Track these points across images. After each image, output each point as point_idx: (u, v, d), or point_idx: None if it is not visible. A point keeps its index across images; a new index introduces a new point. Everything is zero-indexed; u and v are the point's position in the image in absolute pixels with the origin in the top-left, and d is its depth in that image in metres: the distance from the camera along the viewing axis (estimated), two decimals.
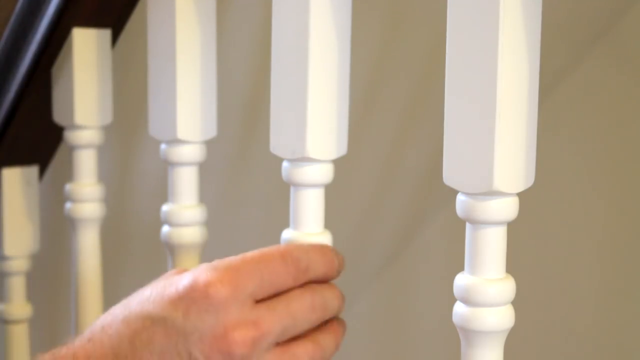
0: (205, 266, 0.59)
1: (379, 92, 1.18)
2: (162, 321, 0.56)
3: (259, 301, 0.58)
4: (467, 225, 0.56)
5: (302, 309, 0.59)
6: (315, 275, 0.61)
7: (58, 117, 0.90)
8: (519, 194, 0.55)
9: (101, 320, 0.59)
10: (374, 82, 1.17)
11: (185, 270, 0.61)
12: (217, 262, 0.59)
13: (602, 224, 1.16)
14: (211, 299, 0.56)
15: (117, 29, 0.90)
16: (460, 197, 0.55)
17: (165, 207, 0.78)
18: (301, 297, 0.60)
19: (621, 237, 1.15)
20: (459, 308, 0.56)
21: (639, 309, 1.15)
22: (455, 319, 0.56)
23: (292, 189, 0.65)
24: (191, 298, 0.56)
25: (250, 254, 0.60)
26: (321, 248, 0.63)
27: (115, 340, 0.56)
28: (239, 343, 0.56)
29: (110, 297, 0.96)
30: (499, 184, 0.53)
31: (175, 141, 0.76)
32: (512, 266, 0.57)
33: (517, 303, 0.56)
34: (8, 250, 0.98)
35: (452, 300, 0.57)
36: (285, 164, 0.65)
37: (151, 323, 0.56)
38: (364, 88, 1.16)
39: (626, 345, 1.17)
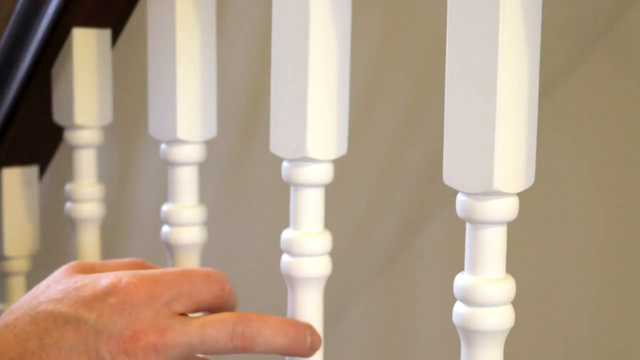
0: (123, 272, 0.60)
1: (379, 92, 1.18)
2: (75, 321, 0.57)
3: (179, 314, 0.60)
4: (467, 225, 0.56)
5: (217, 333, 0.59)
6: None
7: (58, 117, 0.90)
8: (519, 194, 0.55)
9: (3, 320, 0.58)
10: (374, 82, 1.17)
11: (86, 264, 0.63)
12: (136, 271, 0.61)
13: (603, 223, 1.16)
14: (125, 303, 0.58)
15: (117, 29, 0.90)
16: (460, 197, 0.55)
17: (165, 207, 0.78)
18: (221, 321, 0.60)
19: (621, 236, 1.15)
20: (459, 308, 0.56)
21: (639, 310, 1.14)
22: (455, 319, 0.56)
23: (292, 189, 0.65)
24: (106, 301, 0.58)
25: (173, 268, 0.62)
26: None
27: (22, 337, 0.56)
28: (142, 347, 0.57)
29: None
30: (499, 184, 0.53)
31: (175, 141, 0.76)
32: (512, 266, 0.57)
33: (517, 303, 0.56)
34: (8, 250, 0.97)
35: (452, 300, 0.57)
36: (285, 164, 0.65)
37: (64, 322, 0.57)
38: (364, 88, 1.16)
39: (626, 346, 1.17)
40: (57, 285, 0.60)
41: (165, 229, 0.78)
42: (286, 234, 0.65)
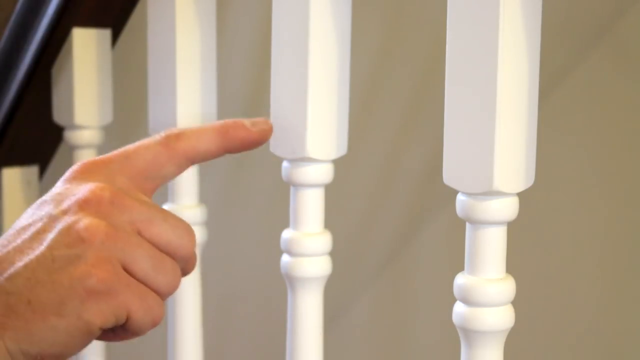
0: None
1: (379, 92, 1.18)
2: (38, 208, 0.52)
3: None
4: (467, 225, 0.56)
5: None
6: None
7: (58, 117, 0.90)
8: (519, 194, 0.55)
9: None
10: (374, 82, 1.17)
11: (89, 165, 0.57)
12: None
13: (603, 223, 1.16)
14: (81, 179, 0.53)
15: (117, 29, 0.90)
16: (460, 197, 0.55)
17: (165, 207, 0.78)
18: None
19: (622, 236, 1.15)
20: (459, 308, 0.56)
21: (639, 310, 1.14)
22: (455, 319, 0.56)
23: (292, 189, 0.65)
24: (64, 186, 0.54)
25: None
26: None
27: None
28: (104, 197, 0.51)
29: None
30: (499, 184, 0.53)
31: None
32: (512, 266, 0.57)
33: (517, 303, 0.56)
34: None
35: (452, 300, 0.57)
36: (285, 164, 0.65)
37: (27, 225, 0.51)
38: (364, 88, 1.16)
39: (626, 346, 1.17)
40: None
41: None
42: (286, 234, 0.65)
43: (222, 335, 1.35)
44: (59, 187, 0.54)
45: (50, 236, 0.50)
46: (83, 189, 0.52)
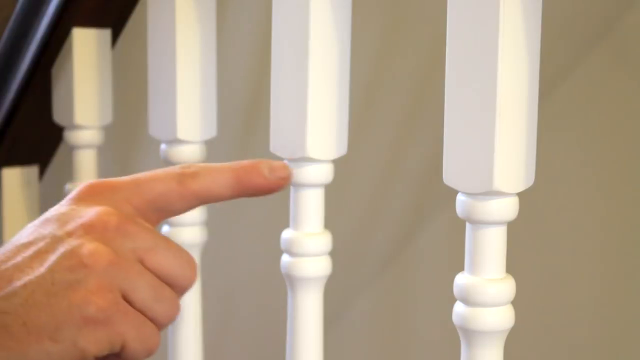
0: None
1: (379, 92, 1.18)
2: (35, 232, 0.52)
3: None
4: (467, 225, 0.56)
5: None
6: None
7: (58, 117, 0.90)
8: (519, 194, 0.55)
9: None
10: (374, 82, 1.17)
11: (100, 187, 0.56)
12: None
13: (603, 223, 1.16)
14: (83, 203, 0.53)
15: (117, 29, 0.90)
16: (460, 197, 0.55)
17: None
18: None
19: (621, 236, 1.15)
20: (459, 308, 0.56)
21: (639, 310, 1.14)
22: (455, 319, 0.56)
23: (292, 189, 0.65)
24: (60, 212, 0.53)
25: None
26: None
27: None
28: (110, 222, 0.51)
29: None
30: (499, 184, 0.53)
31: (175, 141, 0.76)
32: (512, 266, 0.57)
33: (517, 303, 0.56)
34: None
35: (452, 300, 0.57)
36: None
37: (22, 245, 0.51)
38: (364, 88, 1.16)
39: (626, 346, 1.17)
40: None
41: (165, 229, 0.78)
42: (286, 234, 0.65)
43: (222, 335, 1.35)
44: (64, 206, 0.53)
45: (52, 257, 0.50)
46: (90, 212, 0.51)
